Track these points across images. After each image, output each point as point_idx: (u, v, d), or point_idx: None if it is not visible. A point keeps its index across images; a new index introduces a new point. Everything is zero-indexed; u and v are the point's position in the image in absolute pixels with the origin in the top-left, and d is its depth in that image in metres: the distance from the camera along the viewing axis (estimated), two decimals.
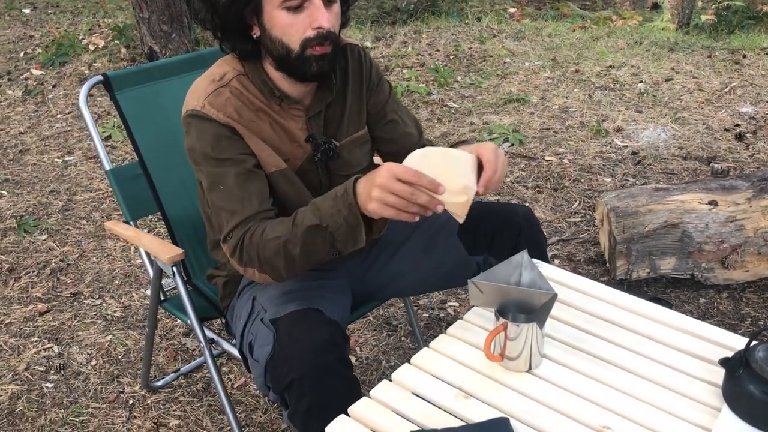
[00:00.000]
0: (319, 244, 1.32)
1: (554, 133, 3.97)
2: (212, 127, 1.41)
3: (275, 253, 1.35)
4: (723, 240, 2.49)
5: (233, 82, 1.45)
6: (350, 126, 1.57)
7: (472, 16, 6.83)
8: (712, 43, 5.70)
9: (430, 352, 1.39)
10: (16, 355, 2.40)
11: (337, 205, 1.28)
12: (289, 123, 1.49)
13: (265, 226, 1.38)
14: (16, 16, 7.59)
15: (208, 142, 1.41)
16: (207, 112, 1.41)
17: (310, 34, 1.36)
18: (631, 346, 1.39)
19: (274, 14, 1.35)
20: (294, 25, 1.35)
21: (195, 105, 1.42)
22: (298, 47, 1.37)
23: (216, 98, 1.42)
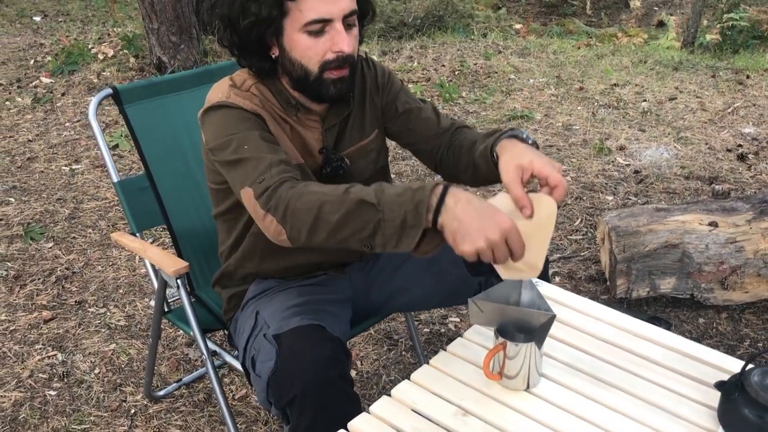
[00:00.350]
0: (359, 224, 1.20)
1: (557, 150, 4.00)
2: (238, 112, 1.41)
3: (308, 208, 1.24)
4: (723, 261, 2.51)
5: (253, 89, 1.47)
6: (353, 136, 1.60)
7: (477, 32, 6.88)
8: (716, 63, 5.73)
9: (430, 369, 1.41)
10: (20, 362, 2.43)
11: (405, 197, 1.16)
12: (306, 132, 1.52)
13: (307, 184, 1.29)
14: (27, 23, 7.67)
15: (233, 121, 1.40)
16: (233, 101, 1.42)
17: (329, 57, 1.39)
18: (629, 367, 1.40)
19: (295, 37, 1.38)
20: (314, 48, 1.38)
21: (220, 98, 1.43)
22: (317, 70, 1.40)
23: (240, 93, 1.44)
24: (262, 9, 1.36)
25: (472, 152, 1.51)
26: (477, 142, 1.52)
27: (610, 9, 11.22)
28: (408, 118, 1.65)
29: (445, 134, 1.63)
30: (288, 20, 1.37)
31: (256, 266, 1.64)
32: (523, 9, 11.09)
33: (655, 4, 11.25)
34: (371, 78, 1.63)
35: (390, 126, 1.67)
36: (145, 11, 5.10)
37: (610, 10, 11.19)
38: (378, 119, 1.65)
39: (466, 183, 1.59)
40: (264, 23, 1.38)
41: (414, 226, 1.16)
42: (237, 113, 1.42)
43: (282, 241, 1.31)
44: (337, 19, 1.37)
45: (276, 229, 1.29)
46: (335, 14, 1.36)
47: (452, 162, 1.60)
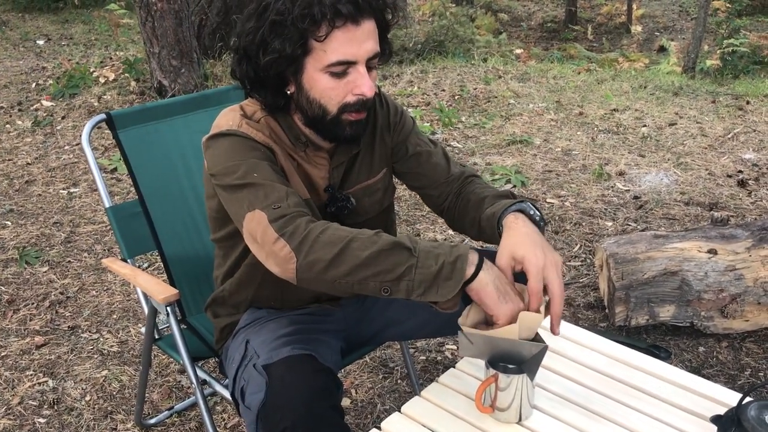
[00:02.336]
0: (388, 265, 1.19)
1: (557, 176, 3.98)
2: (249, 141, 1.38)
3: (333, 241, 1.21)
4: (722, 289, 2.48)
5: (263, 121, 1.44)
6: (360, 174, 1.56)
7: (478, 57, 6.91)
8: (717, 89, 5.74)
9: (421, 401, 1.39)
10: (11, 388, 2.40)
11: (443, 250, 1.19)
12: (313, 170, 1.48)
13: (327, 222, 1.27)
14: (30, 47, 7.73)
15: (243, 148, 1.36)
16: (245, 131, 1.38)
17: (350, 99, 1.35)
18: (624, 400, 1.38)
19: (316, 76, 1.34)
20: (335, 89, 1.34)
21: (230, 125, 1.39)
22: (336, 111, 1.36)
23: (251, 124, 1.41)
24: (286, 46, 1.31)
25: (479, 211, 1.50)
26: (485, 201, 1.51)
27: (612, 34, 11.30)
28: (418, 161, 1.63)
29: (454, 182, 1.62)
30: (310, 59, 1.33)
31: (251, 294, 1.62)
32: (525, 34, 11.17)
33: (656, 30, 11.32)
34: (383, 116, 1.59)
35: (398, 167, 1.64)
36: (146, 35, 5.13)
37: (612, 35, 11.27)
38: (387, 158, 1.61)
39: (471, 237, 1.60)
40: (286, 60, 1.33)
41: (451, 279, 1.19)
42: (248, 142, 1.38)
43: (285, 270, 1.26)
44: (361, 62, 1.33)
45: (286, 256, 1.23)
46: (360, 57, 1.32)
47: (458, 213, 1.60)
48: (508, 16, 11.70)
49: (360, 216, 1.57)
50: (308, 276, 1.24)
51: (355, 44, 1.31)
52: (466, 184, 1.62)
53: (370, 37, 1.33)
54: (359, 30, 1.30)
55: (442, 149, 1.68)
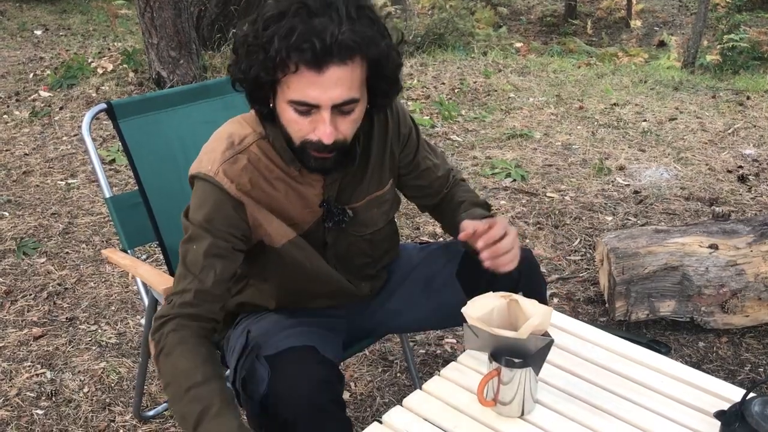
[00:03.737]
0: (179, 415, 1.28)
1: (557, 170, 3.97)
2: (219, 196, 1.36)
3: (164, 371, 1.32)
4: (723, 284, 2.47)
5: (253, 148, 1.39)
6: (371, 185, 1.52)
7: (478, 50, 6.89)
8: (717, 84, 5.73)
9: (423, 394, 1.38)
10: (8, 380, 2.39)
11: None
12: (306, 189, 1.44)
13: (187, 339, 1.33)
14: (28, 37, 7.68)
15: (207, 208, 1.36)
16: (220, 181, 1.36)
17: (311, 137, 1.29)
18: (626, 394, 1.37)
19: (283, 106, 1.29)
20: (299, 123, 1.29)
21: (209, 169, 1.37)
22: (298, 143, 1.32)
23: (232, 166, 1.36)
24: (250, 70, 1.26)
25: (455, 215, 1.59)
26: (461, 206, 1.60)
27: (611, 29, 11.28)
28: (425, 177, 1.62)
29: (446, 191, 1.67)
30: (278, 86, 1.28)
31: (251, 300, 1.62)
32: (524, 28, 11.15)
33: (656, 25, 11.31)
34: (394, 127, 1.53)
35: (405, 180, 1.62)
36: (145, 26, 5.10)
37: (611, 29, 11.25)
38: (394, 169, 1.58)
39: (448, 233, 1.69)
40: (252, 82, 1.29)
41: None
42: (218, 197, 1.36)
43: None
44: (324, 108, 1.25)
45: (153, 356, 1.35)
46: (323, 102, 1.24)
47: (438, 213, 1.70)
48: (507, 9, 11.67)
49: (368, 227, 1.55)
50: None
51: (317, 89, 1.23)
52: (452, 187, 1.67)
53: (338, 85, 1.23)
54: (323, 77, 1.21)
55: (442, 158, 1.68)
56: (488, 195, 3.67)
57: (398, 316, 1.70)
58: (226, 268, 1.38)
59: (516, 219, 3.42)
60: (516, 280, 1.56)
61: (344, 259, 1.56)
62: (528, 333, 1.23)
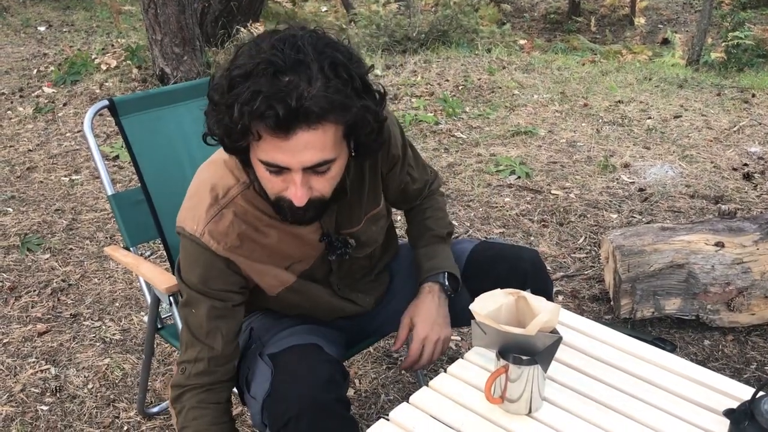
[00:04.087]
0: None
1: (561, 167, 3.96)
2: (208, 257, 1.33)
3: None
4: (729, 282, 2.46)
5: (238, 200, 1.33)
6: (368, 205, 1.50)
7: (482, 47, 6.87)
8: (722, 81, 5.71)
9: (429, 391, 1.37)
10: (13, 375, 2.38)
11: None
12: (300, 229, 1.39)
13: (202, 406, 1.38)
14: (32, 33, 7.68)
15: (198, 270, 1.34)
16: (206, 242, 1.31)
17: (285, 195, 1.23)
18: (633, 392, 1.36)
19: (255, 162, 1.21)
20: (271, 181, 1.22)
21: (194, 229, 1.32)
22: (273, 199, 1.26)
23: (217, 225, 1.32)
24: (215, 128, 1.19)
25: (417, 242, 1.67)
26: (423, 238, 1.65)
27: (615, 26, 11.24)
28: (403, 191, 1.62)
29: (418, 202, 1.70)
30: (251, 143, 1.19)
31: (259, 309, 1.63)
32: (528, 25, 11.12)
33: (660, 22, 11.27)
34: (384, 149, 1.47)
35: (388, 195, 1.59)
36: (148, 22, 5.10)
37: (615, 27, 11.21)
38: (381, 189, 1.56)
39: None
40: (219, 139, 1.21)
41: None
42: (206, 259, 1.33)
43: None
44: (295, 171, 1.18)
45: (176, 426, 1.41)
46: (293, 166, 1.17)
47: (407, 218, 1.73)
48: (511, 6, 11.64)
49: (369, 246, 1.54)
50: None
51: (285, 153, 1.15)
52: (425, 198, 1.68)
53: (310, 147, 1.14)
54: (289, 143, 1.13)
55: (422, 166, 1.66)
56: (493, 192, 3.66)
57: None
58: (231, 327, 1.39)
59: (520, 216, 3.41)
60: (522, 281, 1.55)
61: (347, 278, 1.56)
62: (536, 330, 1.23)
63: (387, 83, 5.40)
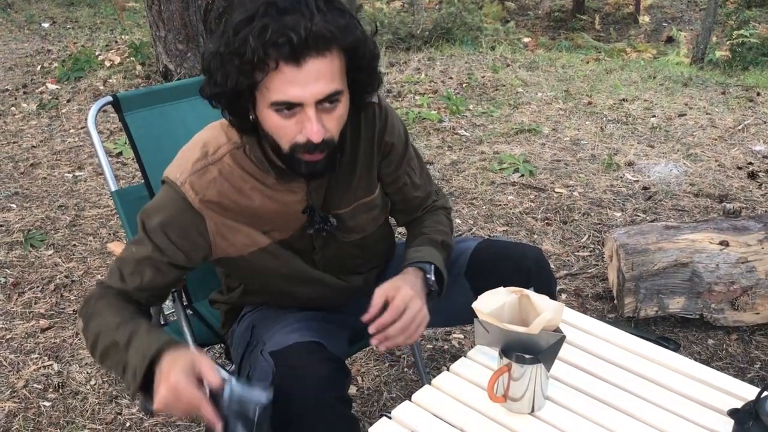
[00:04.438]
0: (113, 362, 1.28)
1: (565, 165, 3.95)
2: (179, 206, 1.35)
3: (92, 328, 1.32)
4: (733, 281, 2.45)
5: (226, 158, 1.36)
6: (359, 191, 1.49)
7: (486, 45, 6.86)
8: (726, 80, 5.69)
9: (432, 389, 1.37)
10: (15, 371, 2.39)
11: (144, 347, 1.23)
12: (286, 196, 1.40)
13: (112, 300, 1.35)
14: (35, 30, 7.69)
15: (162, 215, 1.36)
16: (184, 192, 1.34)
17: (299, 140, 1.25)
18: (637, 391, 1.36)
19: (265, 112, 1.25)
20: (285, 127, 1.25)
21: (177, 177, 1.35)
22: (287, 149, 1.27)
23: (201, 178, 1.35)
24: (228, 81, 1.22)
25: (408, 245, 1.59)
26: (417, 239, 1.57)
27: (619, 24, 11.22)
28: (398, 191, 1.58)
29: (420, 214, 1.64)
30: (258, 93, 1.23)
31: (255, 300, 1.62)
32: (532, 23, 11.10)
33: (664, 20, 11.24)
34: (380, 128, 1.48)
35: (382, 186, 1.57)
36: (152, 19, 5.09)
37: (619, 25, 11.19)
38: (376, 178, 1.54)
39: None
40: (229, 94, 1.24)
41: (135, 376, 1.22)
42: (177, 208, 1.35)
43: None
44: (308, 105, 1.22)
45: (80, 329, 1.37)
46: (305, 99, 1.21)
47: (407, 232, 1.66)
48: (515, 4, 11.63)
49: (357, 233, 1.52)
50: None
51: (297, 86, 1.19)
52: (427, 211, 1.63)
53: (320, 78, 1.20)
54: (302, 72, 1.18)
55: (427, 177, 1.63)
56: (496, 190, 3.65)
57: None
58: (154, 279, 1.37)
59: (524, 214, 3.41)
60: (526, 279, 1.54)
61: (333, 261, 1.53)
62: (539, 328, 1.22)
63: (391, 81, 5.40)
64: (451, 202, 3.52)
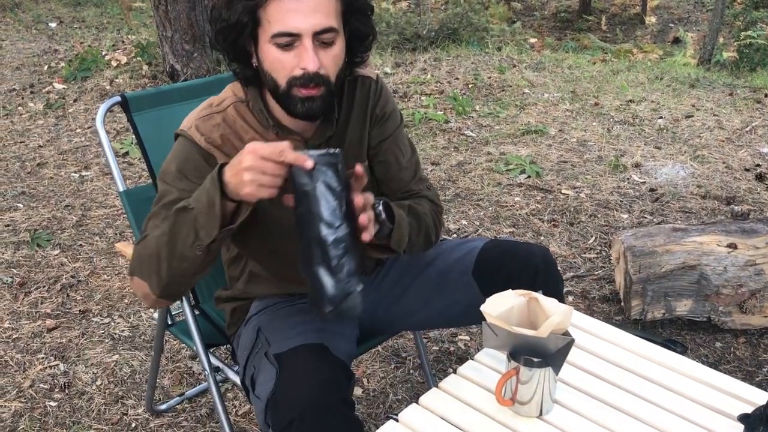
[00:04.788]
0: (184, 230, 1.29)
1: (572, 167, 3.94)
2: (189, 148, 1.41)
3: (151, 250, 1.34)
4: (741, 284, 2.44)
5: (230, 109, 1.44)
6: (350, 156, 1.48)
7: (492, 45, 6.85)
8: (734, 81, 5.67)
9: (439, 392, 1.36)
10: (22, 371, 2.39)
11: (205, 185, 1.27)
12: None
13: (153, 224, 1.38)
14: (43, 29, 7.71)
15: (177, 162, 1.41)
16: (191, 134, 1.41)
17: (296, 73, 1.31)
18: (645, 395, 1.35)
19: (265, 48, 1.32)
20: (282, 61, 1.31)
21: (185, 126, 1.44)
22: (285, 85, 1.33)
23: (205, 122, 1.42)
24: (231, 15, 1.30)
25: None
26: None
27: (626, 25, 11.19)
28: (385, 169, 1.57)
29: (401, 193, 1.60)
30: (261, 30, 1.31)
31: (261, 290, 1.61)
32: (538, 23, 11.07)
33: (671, 21, 11.20)
34: (372, 105, 1.53)
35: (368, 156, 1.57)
36: (159, 19, 5.10)
37: (626, 26, 11.15)
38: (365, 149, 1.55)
39: None
40: (234, 29, 1.32)
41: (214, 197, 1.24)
42: (188, 150, 1.41)
43: (146, 292, 1.38)
44: (306, 35, 1.29)
45: (137, 284, 1.39)
46: (304, 30, 1.28)
47: None
48: (521, 5, 11.61)
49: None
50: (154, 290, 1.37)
51: (298, 16, 1.27)
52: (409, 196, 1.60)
53: (318, 11, 1.28)
54: (302, 3, 1.27)
55: (416, 165, 1.62)
56: (503, 191, 3.65)
57: (412, 314, 1.68)
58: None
59: (531, 216, 3.40)
60: (533, 278, 1.54)
61: None
62: (548, 332, 1.22)
63: (397, 81, 5.39)
64: (458, 204, 3.51)
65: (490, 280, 1.54)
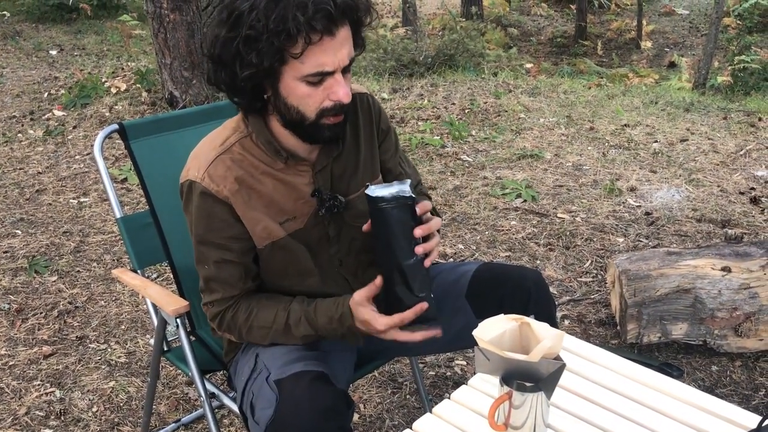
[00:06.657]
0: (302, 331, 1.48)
1: (567, 191, 3.96)
2: (210, 203, 1.43)
3: (260, 337, 1.50)
4: (736, 307, 2.45)
5: (235, 147, 1.44)
6: (365, 175, 1.55)
7: (488, 70, 6.91)
8: (728, 105, 5.72)
9: (433, 417, 1.37)
10: (18, 398, 2.39)
11: (333, 325, 1.44)
12: (295, 179, 1.47)
13: (251, 308, 1.49)
14: (43, 57, 7.78)
15: (202, 220, 1.45)
16: (207, 186, 1.42)
17: (327, 104, 1.35)
18: (639, 420, 1.35)
19: (293, 84, 1.33)
20: (312, 96, 1.34)
21: (196, 176, 1.44)
22: (314, 116, 1.36)
23: (216, 168, 1.43)
24: (263, 60, 1.29)
25: None
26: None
27: (621, 50, 11.29)
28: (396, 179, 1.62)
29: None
30: (287, 68, 1.32)
31: None
32: (534, 49, 11.18)
33: (666, 46, 11.31)
34: (375, 116, 1.59)
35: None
36: (158, 46, 5.15)
37: (621, 50, 11.26)
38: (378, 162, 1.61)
39: None
40: (263, 73, 1.32)
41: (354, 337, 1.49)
42: (208, 206, 1.44)
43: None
44: (338, 71, 1.33)
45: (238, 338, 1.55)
46: (336, 66, 1.32)
47: None
48: (517, 30, 11.72)
49: (360, 219, 1.52)
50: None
51: (330, 55, 1.30)
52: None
53: (345, 44, 1.33)
54: (335, 41, 1.30)
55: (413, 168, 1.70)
56: (499, 215, 3.66)
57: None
58: (242, 270, 1.48)
59: (527, 240, 3.41)
60: (526, 301, 1.55)
61: (350, 253, 1.56)
62: (539, 356, 1.22)
63: (394, 106, 5.43)
64: (454, 228, 3.53)
65: (484, 303, 1.56)
